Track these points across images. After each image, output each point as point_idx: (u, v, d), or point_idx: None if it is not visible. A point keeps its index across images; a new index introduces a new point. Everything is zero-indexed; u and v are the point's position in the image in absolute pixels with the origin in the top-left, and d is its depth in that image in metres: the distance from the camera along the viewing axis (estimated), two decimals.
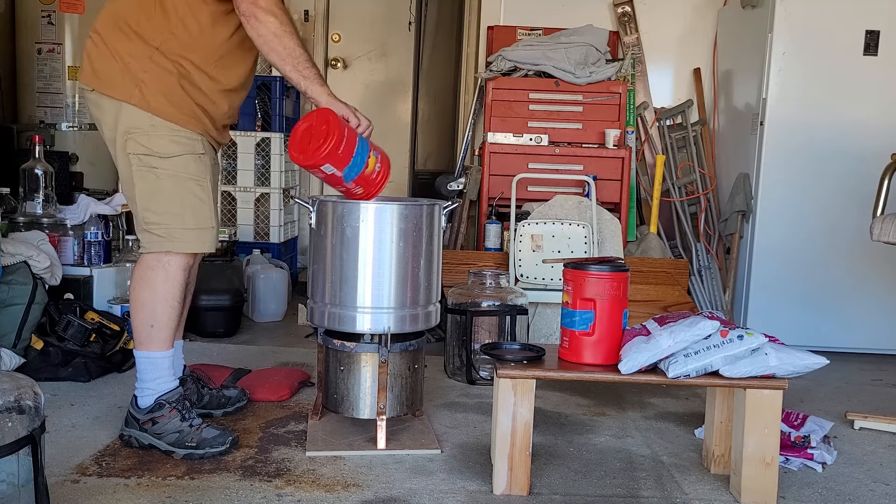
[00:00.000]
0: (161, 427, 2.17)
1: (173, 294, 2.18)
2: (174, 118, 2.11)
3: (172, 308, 2.18)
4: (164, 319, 2.17)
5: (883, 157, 2.95)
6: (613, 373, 2.00)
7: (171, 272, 2.16)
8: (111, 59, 2.10)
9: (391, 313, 2.24)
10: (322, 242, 2.26)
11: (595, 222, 3.57)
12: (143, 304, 2.17)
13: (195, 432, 2.17)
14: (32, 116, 4.26)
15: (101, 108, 2.16)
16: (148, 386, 2.20)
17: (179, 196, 2.14)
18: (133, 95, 2.08)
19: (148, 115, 2.09)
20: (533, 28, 4.30)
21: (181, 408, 2.20)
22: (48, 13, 4.17)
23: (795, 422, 2.48)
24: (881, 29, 3.58)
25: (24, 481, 1.51)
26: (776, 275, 3.72)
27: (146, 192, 2.14)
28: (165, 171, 2.12)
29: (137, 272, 2.19)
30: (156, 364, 2.19)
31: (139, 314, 2.18)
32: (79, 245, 3.27)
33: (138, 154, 2.12)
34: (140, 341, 2.20)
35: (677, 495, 2.07)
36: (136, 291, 2.19)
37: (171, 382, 2.23)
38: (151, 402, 2.19)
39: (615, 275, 2.03)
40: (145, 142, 2.10)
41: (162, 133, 2.10)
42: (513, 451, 2.02)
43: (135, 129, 2.10)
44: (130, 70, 2.08)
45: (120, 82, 2.09)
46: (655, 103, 4.45)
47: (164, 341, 2.19)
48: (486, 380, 2.95)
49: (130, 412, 2.22)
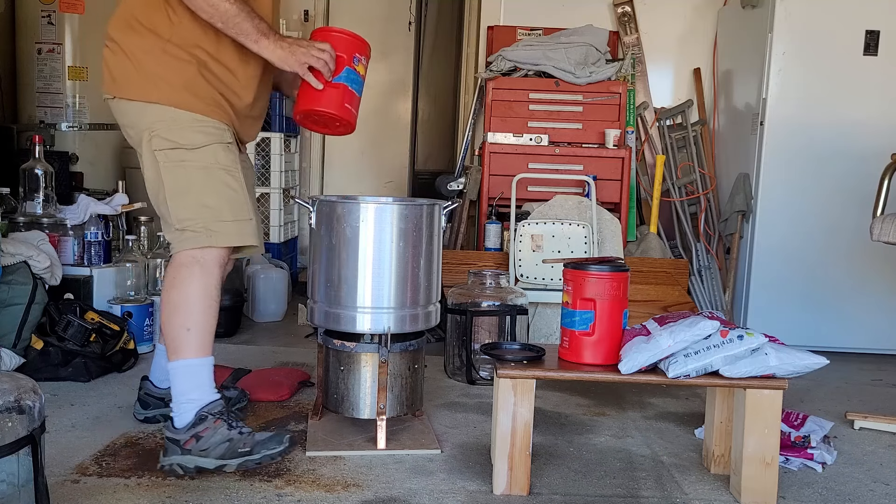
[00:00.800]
0: (206, 441, 1.95)
1: (209, 292, 1.99)
2: (197, 108, 2.02)
3: (210, 307, 2.00)
4: (201, 321, 1.99)
5: (883, 157, 2.95)
6: (613, 373, 2.00)
7: (208, 267, 1.99)
8: (126, 60, 2.04)
9: (391, 313, 2.24)
10: (322, 242, 2.26)
11: (595, 222, 3.57)
12: (177, 305, 1.99)
13: (244, 437, 1.98)
14: (32, 116, 4.25)
15: (124, 112, 2.08)
16: (187, 398, 1.98)
17: (213, 188, 2.01)
18: (150, 93, 2.01)
19: (170, 108, 1.99)
20: (533, 28, 4.30)
21: (226, 417, 2.00)
22: (48, 13, 4.17)
23: (795, 422, 2.48)
24: (881, 29, 3.58)
25: (24, 481, 1.51)
26: (776, 275, 3.72)
27: (176, 187, 2.00)
28: (194, 163, 2.00)
29: (170, 273, 2.03)
30: (194, 372, 1.99)
31: (173, 318, 1.99)
32: (79, 245, 3.27)
33: (164, 149, 2.00)
34: (175, 349, 1.99)
35: (677, 495, 2.07)
36: (167, 294, 2.01)
37: (213, 393, 2.03)
38: (192, 417, 1.97)
39: (615, 275, 2.03)
40: (169, 135, 1.99)
41: (186, 124, 2.00)
42: (513, 451, 2.02)
43: (157, 123, 2.00)
44: (144, 68, 2.01)
45: (135, 82, 2.03)
46: (655, 103, 4.45)
47: (202, 346, 1.99)
48: (486, 380, 2.95)
49: (167, 437, 2.00)
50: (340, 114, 2.14)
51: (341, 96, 2.13)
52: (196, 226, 1.99)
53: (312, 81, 2.09)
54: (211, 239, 1.99)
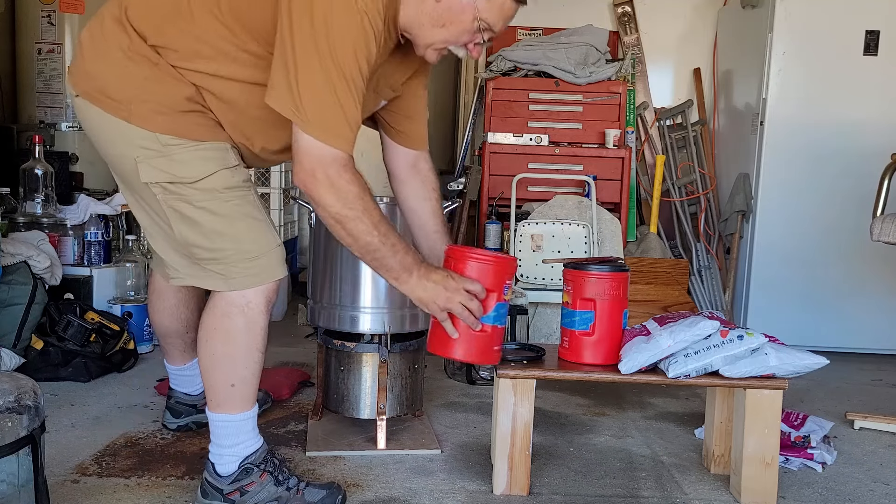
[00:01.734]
0: (252, 497, 1.81)
1: (256, 344, 1.79)
2: (193, 133, 1.74)
3: (256, 361, 1.80)
4: (248, 375, 1.80)
5: (883, 157, 2.95)
6: (613, 373, 2.00)
7: (253, 317, 1.76)
8: (106, 60, 1.76)
9: (391, 313, 2.24)
10: (322, 242, 2.26)
11: (595, 222, 3.57)
12: (220, 359, 1.78)
13: (295, 497, 1.83)
14: (32, 116, 4.25)
15: (101, 125, 1.79)
16: (229, 451, 1.82)
17: (228, 222, 1.74)
18: (133, 114, 1.73)
19: (157, 133, 1.72)
20: (533, 28, 4.30)
21: (272, 469, 1.84)
22: (48, 13, 4.16)
23: (795, 422, 2.48)
24: (881, 29, 3.58)
25: (24, 481, 1.50)
26: (776, 275, 3.72)
27: (185, 227, 1.74)
28: (201, 196, 1.72)
29: (210, 320, 1.78)
30: (238, 428, 1.82)
31: (215, 371, 1.79)
32: (79, 245, 3.27)
33: (160, 182, 1.72)
34: (217, 402, 1.81)
35: (677, 495, 2.07)
36: (209, 344, 1.78)
37: (256, 442, 1.86)
38: (235, 469, 1.82)
39: (615, 275, 2.03)
40: (162, 165, 1.72)
41: (178, 151, 1.72)
42: (513, 451, 2.01)
43: (142, 150, 1.72)
44: (129, 79, 1.73)
45: (116, 94, 1.74)
46: (655, 103, 4.45)
47: (247, 400, 1.82)
48: (486, 380, 2.95)
49: (208, 481, 1.84)
50: (482, 361, 1.93)
51: (486, 342, 1.84)
52: (216, 267, 1.76)
53: (449, 330, 1.81)
54: (236, 282, 1.75)
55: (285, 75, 1.59)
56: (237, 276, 1.75)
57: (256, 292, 1.77)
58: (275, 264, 1.79)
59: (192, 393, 2.34)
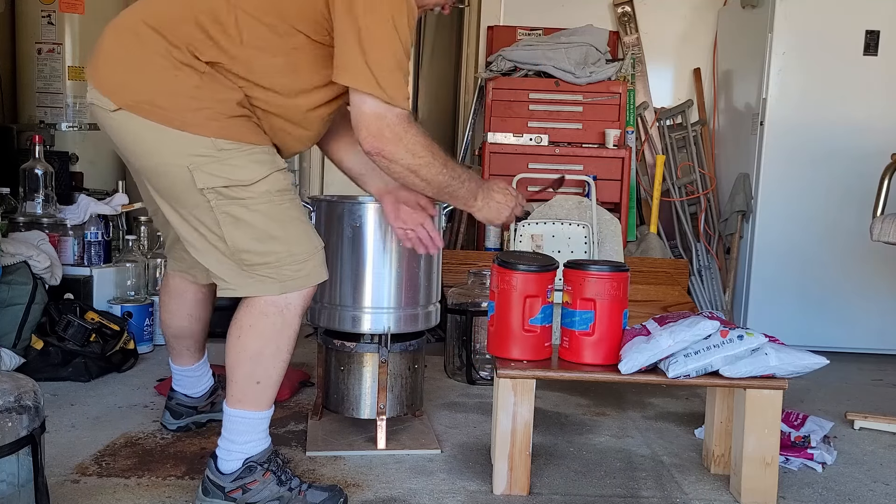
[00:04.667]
0: (255, 495, 1.82)
1: (287, 346, 1.84)
2: (244, 137, 1.78)
3: (284, 362, 1.85)
4: (274, 375, 1.85)
5: (883, 157, 2.95)
6: (613, 373, 2.00)
7: (289, 319, 1.81)
8: (147, 68, 1.78)
9: (391, 313, 2.24)
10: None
11: (595, 222, 3.57)
12: (251, 356, 1.81)
13: (297, 497, 1.84)
14: (32, 116, 4.25)
15: (139, 136, 1.79)
16: (238, 448, 1.84)
17: (280, 224, 1.78)
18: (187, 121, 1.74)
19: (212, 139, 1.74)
20: (533, 28, 4.30)
21: (275, 468, 1.86)
22: (48, 13, 4.16)
23: (795, 422, 2.48)
24: (881, 29, 3.58)
25: (24, 481, 1.51)
26: (776, 275, 3.72)
27: (239, 232, 1.76)
28: (254, 199, 1.75)
29: (246, 318, 1.81)
30: (254, 426, 1.86)
31: (243, 366, 1.82)
32: (79, 245, 3.27)
33: (215, 188, 1.73)
34: (239, 398, 1.84)
35: (677, 495, 2.07)
36: (241, 340, 1.81)
37: (265, 442, 1.89)
38: (239, 466, 1.83)
39: (615, 275, 2.03)
40: (217, 171, 1.73)
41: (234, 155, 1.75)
42: (513, 451, 2.02)
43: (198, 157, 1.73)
44: (179, 89, 1.75)
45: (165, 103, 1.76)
46: (655, 103, 4.45)
47: (268, 399, 1.87)
48: (486, 380, 2.95)
49: (210, 479, 1.85)
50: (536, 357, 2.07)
51: (538, 341, 2.07)
52: (266, 270, 1.78)
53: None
54: (286, 286, 1.79)
55: (351, 49, 1.69)
56: (287, 280, 1.79)
57: (298, 295, 1.82)
58: (319, 267, 1.85)
59: (194, 395, 2.34)
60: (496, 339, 2.09)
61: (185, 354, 2.30)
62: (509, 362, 2.04)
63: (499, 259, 2.09)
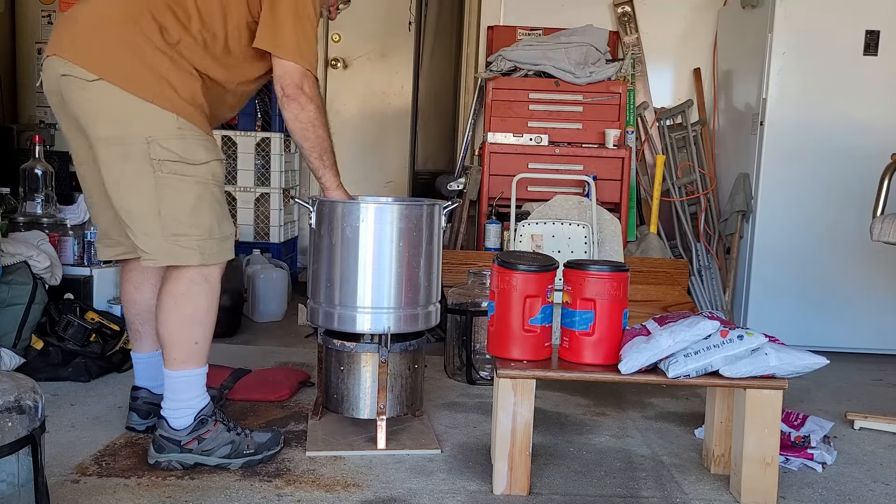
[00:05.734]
0: (210, 443, 2.08)
1: (214, 308, 2.10)
2: (199, 123, 2.04)
3: (212, 322, 2.11)
4: (208, 334, 2.10)
5: (883, 157, 2.95)
6: (613, 373, 2.00)
7: (213, 284, 2.08)
8: (127, 47, 2.02)
9: (391, 313, 2.24)
10: (322, 242, 2.26)
11: (595, 222, 3.57)
12: (189, 320, 2.06)
13: (247, 440, 2.13)
14: (32, 116, 4.26)
15: (110, 102, 1.99)
16: (185, 405, 2.08)
17: (208, 205, 2.03)
18: (160, 97, 1.98)
19: (178, 118, 1.99)
20: (533, 28, 4.30)
21: (222, 418, 2.13)
22: (48, 13, 4.17)
23: (795, 422, 2.48)
24: (881, 29, 3.58)
25: (24, 481, 1.51)
26: (776, 275, 3.72)
27: (174, 201, 1.99)
28: (194, 178, 2.01)
29: (177, 287, 2.05)
30: (195, 382, 2.10)
31: (182, 331, 2.06)
32: (79, 245, 3.27)
33: (165, 160, 1.97)
34: (180, 360, 2.07)
35: (677, 495, 2.07)
36: (179, 308, 2.05)
37: (207, 397, 2.13)
38: (191, 421, 2.07)
39: (615, 275, 2.03)
40: (174, 147, 1.98)
41: (191, 138, 2.00)
42: (513, 451, 2.02)
43: (161, 131, 1.97)
44: (154, 68, 1.99)
45: (143, 78, 1.98)
46: (655, 103, 4.45)
47: (204, 357, 2.11)
48: (486, 380, 2.95)
49: (163, 436, 2.08)
50: (536, 357, 2.08)
51: (538, 341, 2.08)
52: (189, 242, 2.01)
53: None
54: (205, 258, 2.04)
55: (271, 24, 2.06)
56: (208, 253, 2.04)
57: (217, 268, 2.08)
58: (231, 248, 2.14)
59: (155, 390, 2.31)
60: (496, 339, 2.10)
61: (152, 336, 2.27)
62: (509, 362, 2.04)
63: (499, 259, 2.09)
